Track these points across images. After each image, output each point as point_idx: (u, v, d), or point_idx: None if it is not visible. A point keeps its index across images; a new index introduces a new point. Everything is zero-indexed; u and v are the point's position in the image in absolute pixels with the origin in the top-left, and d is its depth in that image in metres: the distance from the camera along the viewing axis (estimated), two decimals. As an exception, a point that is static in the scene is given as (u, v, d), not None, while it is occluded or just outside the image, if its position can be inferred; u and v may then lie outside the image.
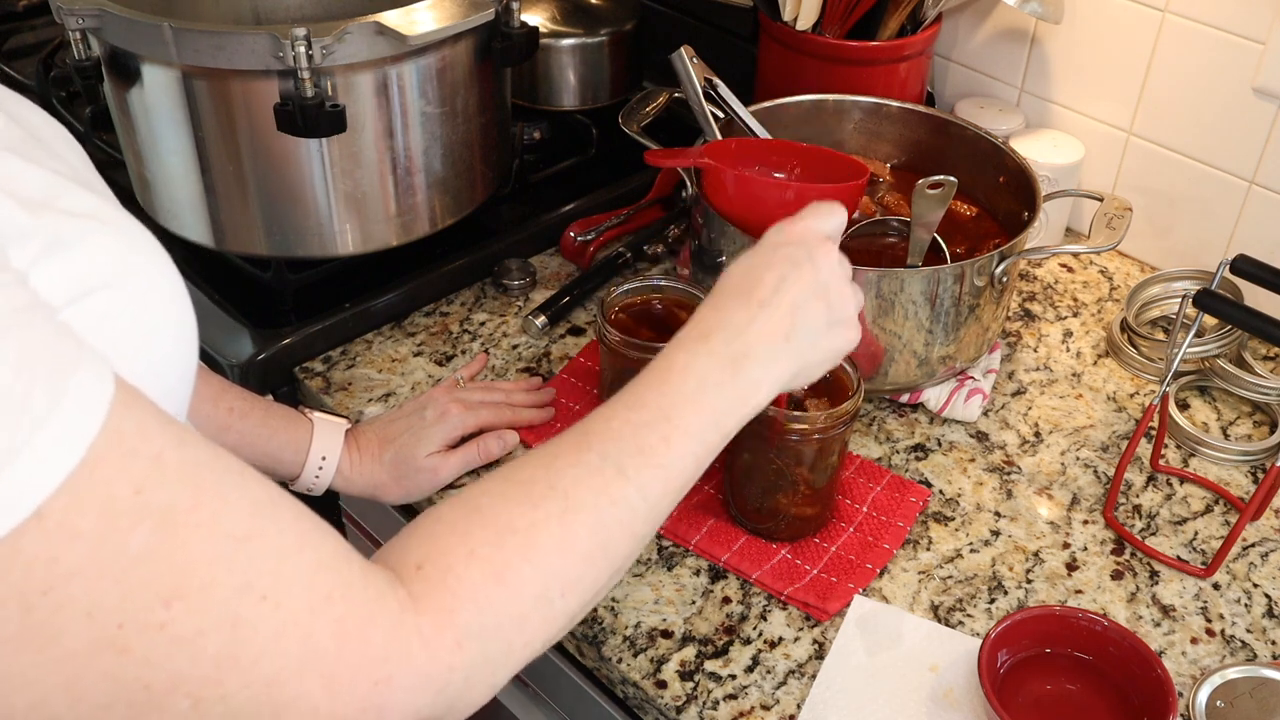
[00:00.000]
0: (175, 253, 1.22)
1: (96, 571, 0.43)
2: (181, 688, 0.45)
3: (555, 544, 0.59)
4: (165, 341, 0.55)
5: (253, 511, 0.48)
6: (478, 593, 0.55)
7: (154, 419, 0.46)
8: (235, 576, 0.46)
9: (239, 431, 0.89)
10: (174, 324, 0.56)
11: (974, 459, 1.00)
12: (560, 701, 0.98)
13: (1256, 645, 0.86)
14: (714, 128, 1.08)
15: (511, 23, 1.10)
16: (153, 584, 0.44)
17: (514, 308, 1.16)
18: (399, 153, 1.07)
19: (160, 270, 0.55)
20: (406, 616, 0.52)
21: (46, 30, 1.60)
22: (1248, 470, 1.01)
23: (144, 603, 0.44)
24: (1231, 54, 1.11)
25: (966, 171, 1.07)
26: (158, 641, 0.44)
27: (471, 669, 0.55)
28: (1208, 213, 1.19)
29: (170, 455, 0.45)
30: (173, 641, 0.45)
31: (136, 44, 0.98)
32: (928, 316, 0.97)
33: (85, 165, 0.61)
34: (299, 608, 0.48)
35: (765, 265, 0.72)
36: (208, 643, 0.45)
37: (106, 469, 0.43)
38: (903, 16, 1.20)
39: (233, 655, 0.46)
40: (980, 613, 0.87)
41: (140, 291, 0.52)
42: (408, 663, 0.52)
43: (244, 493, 0.48)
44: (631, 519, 0.62)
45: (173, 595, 0.44)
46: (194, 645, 0.45)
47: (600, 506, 0.61)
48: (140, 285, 0.52)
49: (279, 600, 0.47)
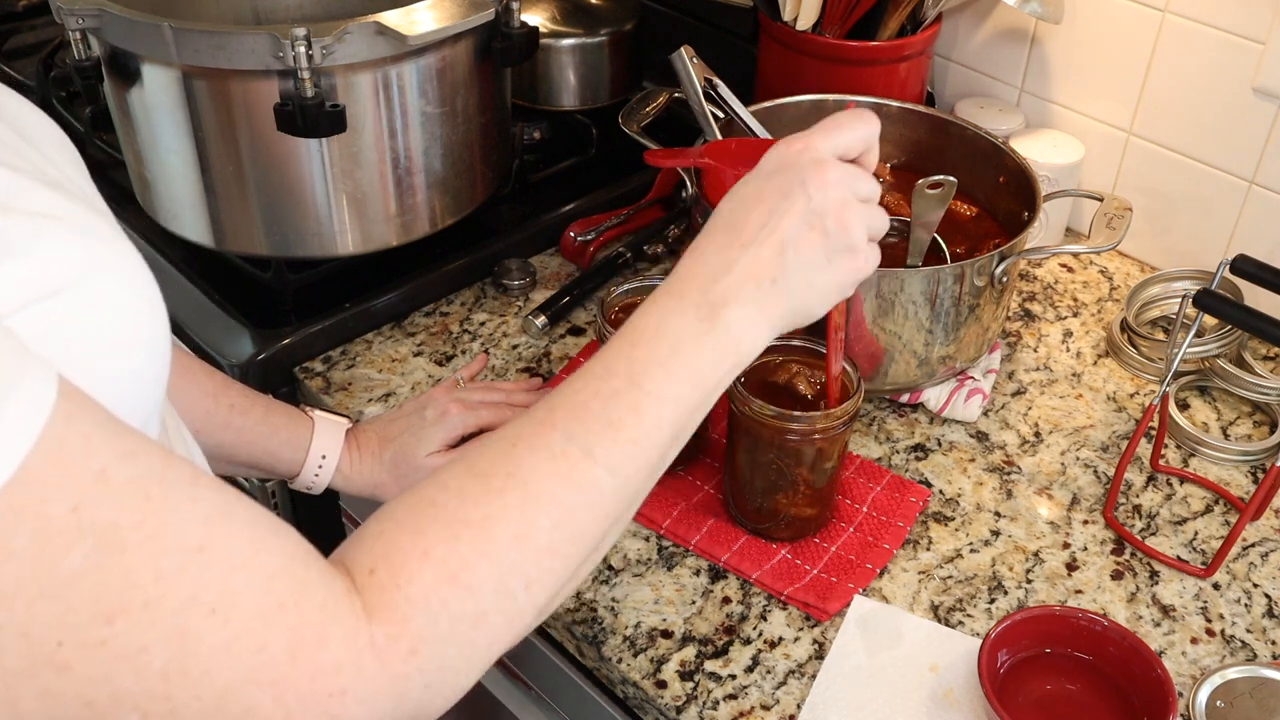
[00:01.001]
0: (175, 253, 1.23)
1: (32, 592, 0.42)
2: (127, 702, 0.44)
3: (513, 537, 0.56)
4: (130, 343, 0.53)
5: (204, 521, 0.47)
6: (432, 595, 0.53)
7: (101, 431, 0.44)
8: (183, 589, 0.45)
9: (239, 428, 0.89)
10: (142, 324, 0.54)
11: (974, 459, 1.00)
12: (560, 701, 0.98)
13: (1256, 645, 0.86)
14: (714, 128, 1.08)
15: (511, 23, 1.10)
16: (93, 602, 0.43)
17: (514, 308, 1.16)
18: (399, 153, 1.07)
19: (125, 269, 0.53)
20: (360, 626, 0.50)
21: (46, 30, 1.60)
22: (1248, 470, 1.01)
23: (84, 620, 0.43)
24: (1231, 54, 1.11)
25: (966, 171, 1.07)
26: (99, 658, 0.43)
27: (431, 675, 0.53)
28: (1208, 213, 1.19)
29: (116, 470, 0.44)
30: (115, 658, 0.44)
31: (136, 44, 0.98)
32: (928, 316, 0.97)
33: (70, 162, 0.59)
34: (251, 617, 0.47)
35: (755, 198, 0.66)
36: (152, 658, 0.44)
37: (40, 487, 0.42)
38: (903, 16, 1.20)
39: (181, 668, 0.45)
40: (980, 613, 0.87)
41: (101, 292, 0.50)
42: (362, 674, 0.50)
43: (195, 503, 0.47)
44: (600, 501, 0.59)
45: (115, 612, 0.43)
46: (138, 661, 0.44)
47: (564, 493, 0.58)
48: (101, 286, 0.50)
49: (229, 611, 0.46)
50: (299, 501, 1.15)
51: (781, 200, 0.66)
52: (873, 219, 0.69)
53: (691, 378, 0.63)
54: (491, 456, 0.58)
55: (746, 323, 0.64)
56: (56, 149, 0.59)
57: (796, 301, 0.67)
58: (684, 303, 0.64)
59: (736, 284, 0.64)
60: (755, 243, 0.65)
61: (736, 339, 0.64)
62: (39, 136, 0.58)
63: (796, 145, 0.68)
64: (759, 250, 0.65)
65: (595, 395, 0.61)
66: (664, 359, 0.62)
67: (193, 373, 0.88)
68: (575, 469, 0.58)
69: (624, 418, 0.60)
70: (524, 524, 0.56)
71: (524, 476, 0.57)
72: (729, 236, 0.66)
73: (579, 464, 0.58)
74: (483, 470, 0.58)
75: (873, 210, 0.69)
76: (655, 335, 0.63)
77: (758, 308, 0.65)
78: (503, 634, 0.56)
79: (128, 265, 0.53)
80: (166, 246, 1.17)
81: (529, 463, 0.58)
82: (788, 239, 0.65)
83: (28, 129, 0.57)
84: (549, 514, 0.57)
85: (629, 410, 0.60)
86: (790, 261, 0.65)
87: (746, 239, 0.65)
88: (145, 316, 0.54)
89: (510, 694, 1.04)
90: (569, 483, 0.58)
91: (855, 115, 0.69)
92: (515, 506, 0.56)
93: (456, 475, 0.58)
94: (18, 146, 0.53)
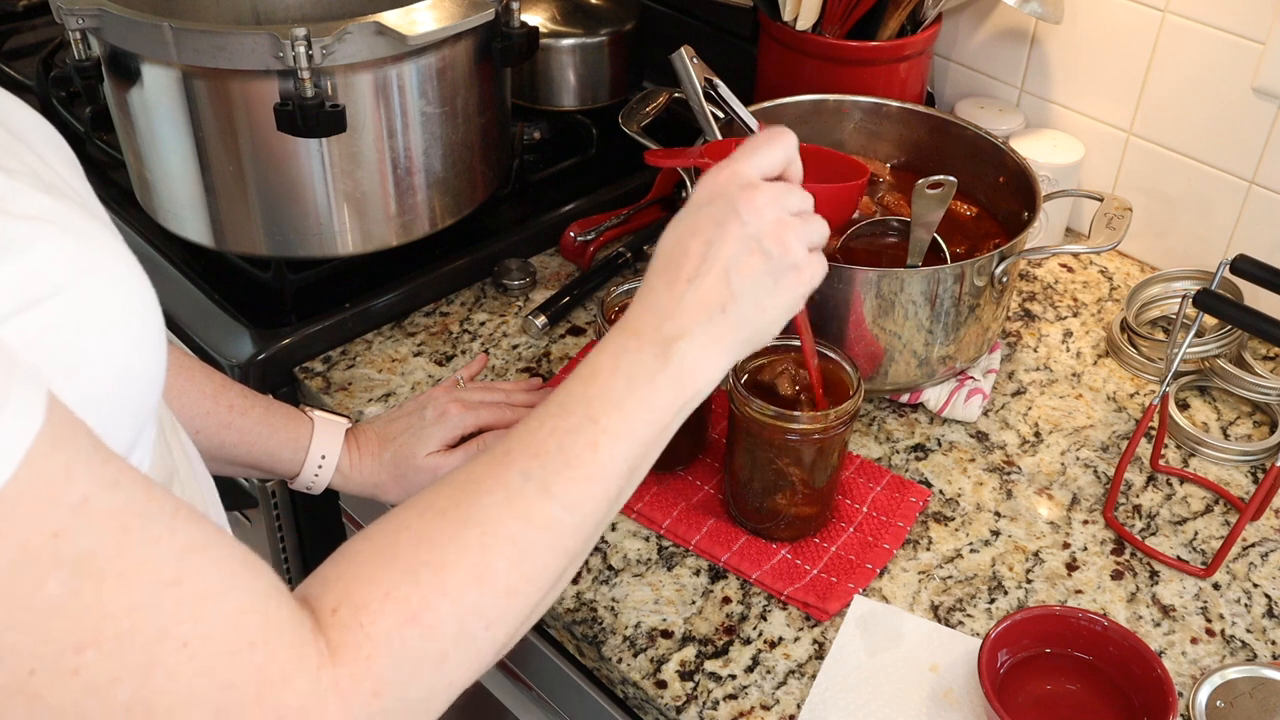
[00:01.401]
0: (175, 253, 1.23)
1: (8, 619, 0.42)
2: None
3: (473, 577, 0.56)
4: (124, 347, 0.52)
5: (181, 555, 0.47)
6: (393, 637, 0.53)
7: (84, 459, 0.44)
8: (156, 622, 0.45)
9: (239, 429, 0.89)
10: (136, 327, 0.53)
11: (974, 459, 1.00)
12: (560, 701, 0.98)
13: (1256, 645, 0.86)
14: (714, 128, 1.08)
15: (511, 23, 1.11)
16: (67, 630, 0.43)
17: (514, 308, 1.16)
18: (399, 153, 1.07)
19: (119, 272, 0.53)
20: (324, 666, 0.51)
21: (46, 30, 1.60)
22: (1248, 470, 1.01)
23: (57, 649, 0.43)
24: (1231, 54, 1.11)
25: (966, 171, 1.07)
26: (70, 688, 0.43)
27: (393, 715, 0.53)
28: (1208, 213, 1.19)
29: (97, 499, 0.44)
30: (85, 689, 0.43)
31: (136, 44, 0.98)
32: (928, 316, 0.97)
33: (64, 162, 0.59)
34: (220, 654, 0.47)
35: (691, 232, 0.67)
36: (120, 690, 0.44)
37: (21, 512, 0.42)
38: (903, 16, 1.20)
39: (146, 702, 0.45)
40: (980, 613, 0.87)
41: (94, 296, 0.50)
42: (325, 714, 0.50)
43: (174, 536, 0.47)
44: (558, 537, 0.59)
45: (87, 642, 0.43)
46: (106, 693, 0.44)
47: (522, 531, 0.58)
48: (94, 289, 0.50)
49: (200, 646, 0.46)
50: (299, 502, 1.15)
51: (717, 230, 0.66)
52: (810, 231, 0.69)
53: (647, 414, 0.63)
54: (451, 495, 0.59)
55: (701, 356, 0.65)
56: (52, 150, 0.59)
57: (749, 327, 0.67)
58: (639, 340, 0.65)
59: (688, 319, 0.65)
60: (699, 275, 0.66)
61: (691, 374, 0.65)
62: (34, 138, 0.58)
63: (723, 174, 0.68)
64: (703, 282, 0.65)
65: (552, 433, 0.61)
66: (620, 396, 0.63)
67: (192, 373, 0.88)
68: (533, 507, 0.59)
69: (581, 455, 0.61)
70: (484, 564, 0.57)
71: (483, 516, 0.58)
72: (672, 273, 0.66)
73: (537, 502, 0.59)
74: (442, 509, 0.58)
75: (809, 222, 0.69)
76: (611, 373, 0.64)
77: (711, 339, 0.65)
78: (463, 673, 0.57)
79: (121, 268, 0.53)
80: (166, 246, 1.17)
81: (488, 502, 0.58)
82: (730, 266, 0.66)
83: (23, 131, 0.57)
84: (508, 553, 0.57)
85: (586, 447, 0.61)
86: (737, 288, 0.66)
87: (689, 273, 0.66)
88: (139, 319, 0.54)
89: (510, 694, 1.04)
90: (527, 521, 0.59)
91: (773, 134, 0.70)
92: (475, 547, 0.57)
93: (417, 514, 0.58)
94: (12, 148, 0.53)
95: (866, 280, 0.94)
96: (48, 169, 0.55)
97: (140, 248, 1.18)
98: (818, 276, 0.70)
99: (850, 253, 1.05)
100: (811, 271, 0.69)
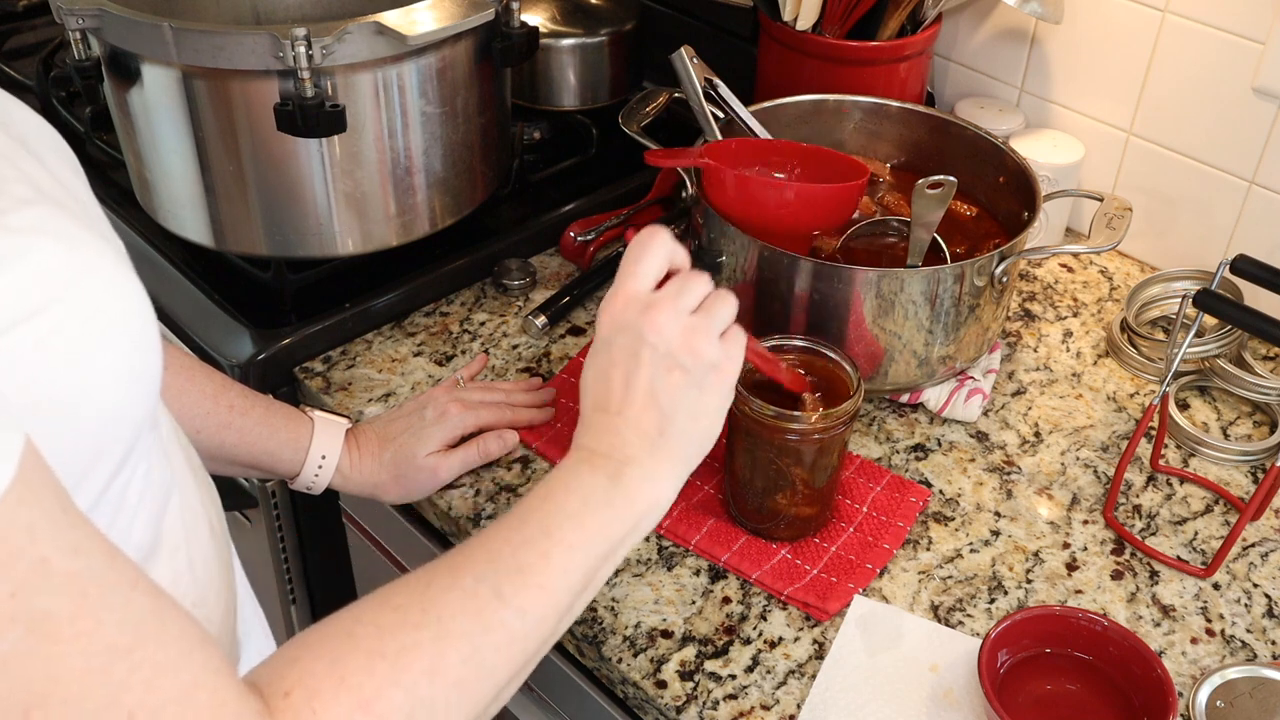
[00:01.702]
0: (175, 253, 1.22)
1: None
2: None
3: (426, 671, 0.57)
4: (125, 349, 0.52)
5: (136, 626, 0.46)
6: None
7: (50, 520, 0.44)
8: (106, 691, 0.45)
9: (239, 429, 0.89)
10: (135, 329, 0.53)
11: (974, 459, 1.00)
12: (560, 701, 0.98)
13: (1256, 645, 0.86)
14: (714, 128, 1.08)
15: (511, 23, 1.10)
16: (15, 690, 0.43)
17: (514, 308, 1.16)
18: (399, 153, 1.07)
19: (114, 276, 0.53)
20: None
21: (46, 30, 1.60)
22: (1248, 470, 1.01)
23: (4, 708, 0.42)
24: (1231, 54, 1.11)
25: (966, 171, 1.07)
26: None
27: None
28: (1208, 213, 1.19)
29: (58, 562, 0.44)
30: None
31: (136, 44, 0.98)
32: (928, 316, 0.97)
33: (65, 165, 0.59)
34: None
35: (608, 367, 0.71)
36: None
37: None
38: (903, 16, 1.20)
39: None
40: (980, 613, 0.87)
41: (92, 299, 0.50)
42: None
43: (130, 606, 0.47)
44: (509, 641, 0.61)
45: (34, 703, 0.43)
46: None
47: (474, 632, 0.60)
48: (92, 292, 0.50)
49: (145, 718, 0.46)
50: (299, 502, 1.15)
51: (632, 359, 0.70)
52: (713, 321, 0.72)
53: (600, 529, 0.67)
54: (407, 593, 0.60)
55: (649, 480, 0.69)
56: (54, 154, 0.59)
57: (689, 440, 0.71)
58: (591, 464, 0.69)
59: (631, 448, 0.69)
60: (627, 406, 0.69)
61: (642, 493, 0.69)
62: (35, 141, 0.57)
63: (617, 303, 0.72)
64: (633, 411, 0.69)
65: (507, 542, 0.64)
66: (574, 511, 0.66)
67: (193, 373, 0.88)
68: (485, 609, 0.61)
69: (534, 563, 0.63)
70: (436, 659, 0.58)
71: (437, 613, 0.59)
72: (603, 412, 0.70)
73: (489, 604, 0.61)
74: (398, 605, 0.60)
75: (711, 312, 0.72)
76: (566, 490, 0.67)
77: (657, 461, 0.69)
78: None
79: (116, 272, 0.53)
80: (166, 246, 1.17)
81: (442, 600, 0.60)
82: (654, 390, 0.69)
83: (24, 134, 0.57)
84: (459, 650, 0.59)
85: (539, 556, 0.64)
86: (667, 409, 0.70)
87: (617, 407, 0.70)
88: (139, 318, 0.54)
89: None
90: (479, 622, 0.60)
91: (643, 239, 0.73)
92: (429, 642, 0.58)
93: (373, 609, 0.59)
94: (10, 153, 0.53)
95: (866, 280, 0.94)
96: (46, 174, 0.55)
97: (140, 248, 1.18)
98: (736, 361, 0.73)
99: (850, 253, 1.05)
100: (729, 362, 0.72)
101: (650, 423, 0.69)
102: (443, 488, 0.95)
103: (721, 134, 1.08)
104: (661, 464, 0.70)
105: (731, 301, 0.74)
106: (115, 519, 0.55)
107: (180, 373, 0.87)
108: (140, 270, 0.57)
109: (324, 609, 1.25)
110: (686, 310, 0.71)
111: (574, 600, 0.65)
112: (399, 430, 0.94)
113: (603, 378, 0.71)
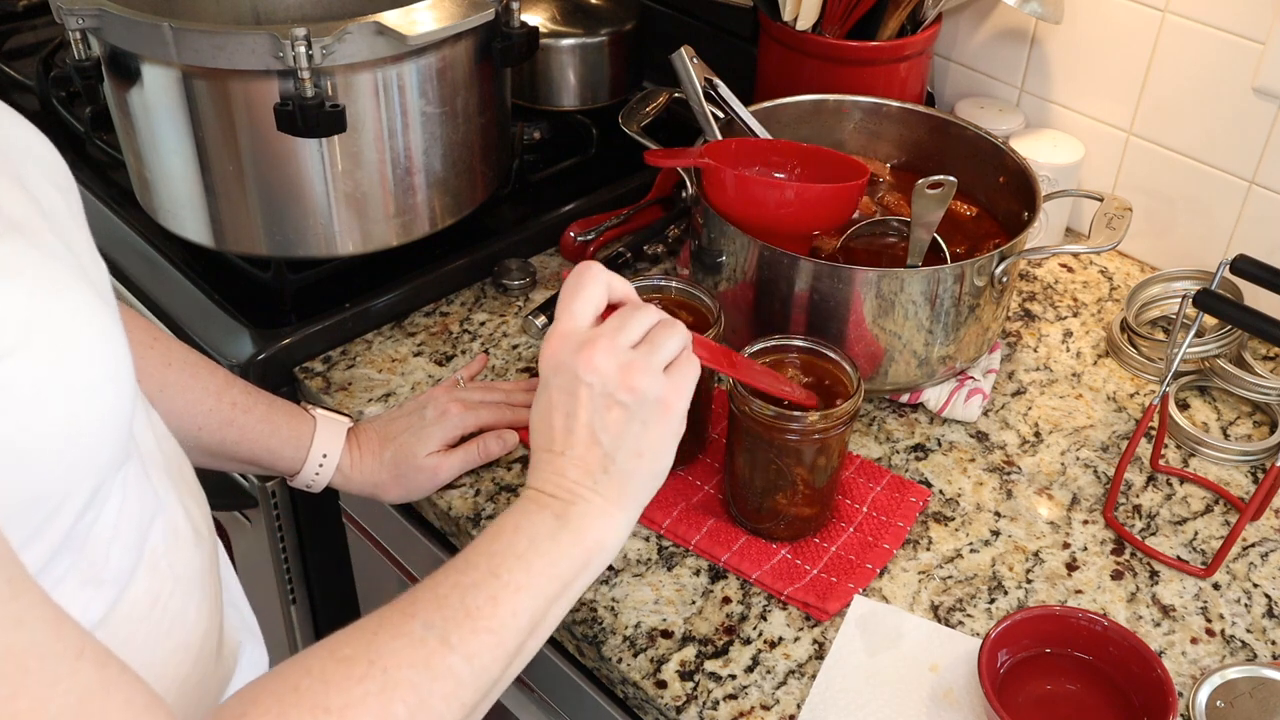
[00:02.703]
0: (175, 253, 1.22)
1: None
2: None
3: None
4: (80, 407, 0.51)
5: (81, 698, 0.46)
6: None
7: None
8: None
9: (241, 426, 0.89)
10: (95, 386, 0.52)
11: (974, 459, 1.00)
12: (560, 701, 0.98)
13: (1256, 645, 0.86)
14: (714, 128, 1.08)
15: (511, 23, 1.10)
16: None
17: (514, 308, 1.16)
18: (399, 153, 1.07)
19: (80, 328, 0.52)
20: None
21: (46, 30, 1.60)
22: (1248, 470, 1.01)
23: None
24: (1231, 54, 1.11)
25: (966, 171, 1.07)
26: None
27: None
28: (1208, 213, 1.19)
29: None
30: None
31: (136, 44, 0.98)
32: (928, 316, 0.97)
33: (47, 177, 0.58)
34: None
35: (549, 408, 0.70)
36: None
37: None
38: (903, 16, 1.20)
39: None
40: (980, 613, 0.87)
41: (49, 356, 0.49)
42: None
43: (76, 677, 0.46)
44: (457, 688, 0.61)
45: None
46: None
47: (421, 681, 0.59)
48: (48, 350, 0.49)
49: None
50: (299, 501, 1.15)
51: (569, 399, 0.69)
52: (655, 356, 0.70)
53: (548, 569, 0.66)
54: (354, 642, 0.60)
55: (597, 517, 0.68)
56: (37, 168, 0.58)
57: (635, 476, 0.70)
58: (539, 504, 0.68)
59: (577, 487, 0.68)
60: (569, 446, 0.69)
61: (590, 532, 0.68)
62: (20, 156, 0.57)
63: (553, 343, 0.70)
64: (575, 452, 0.69)
65: (455, 587, 0.63)
66: (521, 552, 0.66)
67: (197, 370, 0.88)
68: (433, 657, 0.60)
69: (481, 607, 0.63)
70: (383, 709, 0.57)
71: (384, 664, 0.59)
72: (549, 452, 0.69)
73: (436, 652, 0.60)
74: (345, 656, 0.59)
75: (653, 347, 0.70)
76: (514, 532, 0.67)
77: (605, 500, 0.69)
78: None
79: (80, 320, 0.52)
80: (166, 246, 1.17)
81: (389, 649, 0.59)
82: (594, 427, 0.68)
83: (5, 151, 0.56)
84: (406, 701, 0.58)
85: (486, 600, 0.63)
86: (609, 447, 0.69)
87: (560, 447, 0.69)
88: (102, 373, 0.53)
89: (510, 694, 1.04)
90: (426, 670, 0.60)
91: (578, 276, 0.71)
92: (375, 694, 0.58)
93: (319, 660, 0.59)
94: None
95: (866, 280, 0.94)
96: (22, 196, 0.54)
97: (140, 248, 1.18)
98: (684, 393, 0.71)
99: (850, 253, 1.05)
100: (675, 395, 0.70)
101: (594, 461, 0.68)
102: (443, 487, 0.95)
103: (721, 134, 1.08)
104: (609, 502, 0.69)
105: (679, 332, 0.72)
106: (85, 550, 0.55)
107: (185, 369, 0.87)
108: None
109: (324, 609, 1.25)
110: (626, 345, 0.69)
111: (523, 642, 0.65)
112: (399, 430, 0.94)
113: (545, 418, 0.70)
